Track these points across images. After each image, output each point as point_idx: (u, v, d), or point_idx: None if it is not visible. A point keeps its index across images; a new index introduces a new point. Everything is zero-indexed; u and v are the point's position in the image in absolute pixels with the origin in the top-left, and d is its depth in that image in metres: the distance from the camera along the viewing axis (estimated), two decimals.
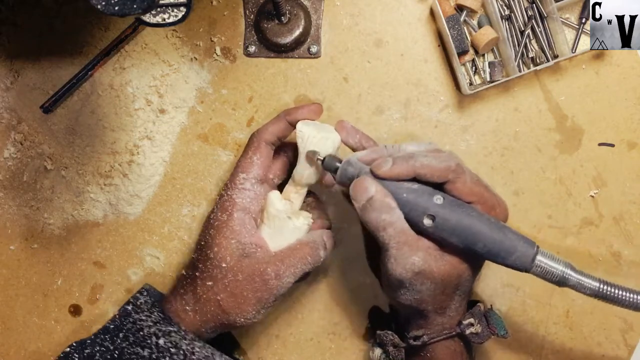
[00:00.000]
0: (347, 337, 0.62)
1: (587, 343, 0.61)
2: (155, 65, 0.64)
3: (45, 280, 0.65)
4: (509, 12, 0.62)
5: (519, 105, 0.63)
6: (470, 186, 0.47)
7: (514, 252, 0.45)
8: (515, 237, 0.46)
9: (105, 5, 0.39)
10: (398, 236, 0.46)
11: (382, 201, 0.47)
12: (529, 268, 0.45)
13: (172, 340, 0.52)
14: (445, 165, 0.47)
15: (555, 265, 0.45)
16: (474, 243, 0.45)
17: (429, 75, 0.63)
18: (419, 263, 0.46)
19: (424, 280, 0.46)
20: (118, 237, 0.64)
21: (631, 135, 0.62)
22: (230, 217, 0.53)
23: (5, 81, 0.65)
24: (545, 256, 0.46)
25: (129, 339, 0.53)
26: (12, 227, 0.65)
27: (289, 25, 0.62)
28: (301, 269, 0.52)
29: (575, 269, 0.46)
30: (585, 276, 0.46)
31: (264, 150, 0.54)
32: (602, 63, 0.62)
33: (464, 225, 0.45)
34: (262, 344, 0.63)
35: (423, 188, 0.47)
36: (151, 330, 0.52)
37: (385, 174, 0.47)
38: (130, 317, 0.54)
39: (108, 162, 0.63)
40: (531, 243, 0.46)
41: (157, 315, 0.54)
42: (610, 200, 0.62)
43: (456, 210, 0.46)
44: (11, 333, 0.64)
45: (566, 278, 0.45)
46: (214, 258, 0.52)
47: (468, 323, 0.50)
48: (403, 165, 0.47)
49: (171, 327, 0.52)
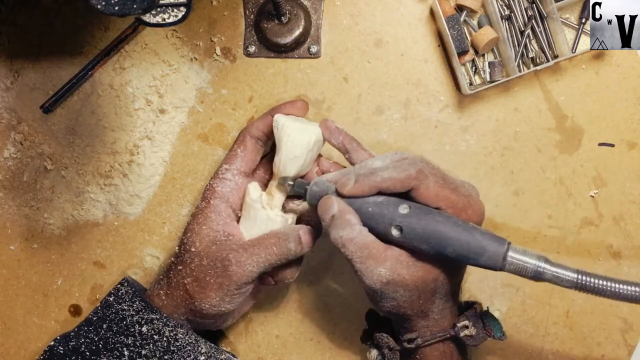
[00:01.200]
0: (347, 337, 0.63)
1: (587, 343, 0.61)
2: (155, 65, 0.64)
3: (45, 280, 0.65)
4: (509, 12, 0.62)
5: (519, 105, 0.63)
6: (434, 191, 0.47)
7: (483, 253, 0.44)
8: (483, 237, 0.45)
9: (105, 5, 0.39)
10: (360, 251, 0.47)
11: (343, 218, 0.48)
12: (501, 267, 0.44)
13: (155, 327, 0.53)
14: (405, 175, 0.47)
15: (529, 260, 0.44)
16: (443, 248, 0.45)
17: (429, 75, 0.63)
18: (386, 274, 0.46)
19: (396, 288, 0.47)
20: (118, 237, 0.64)
21: (631, 135, 0.62)
22: (207, 204, 0.55)
23: (5, 81, 0.65)
24: (518, 252, 0.44)
25: (113, 329, 0.54)
26: (12, 227, 0.65)
27: (289, 25, 0.63)
28: (265, 258, 0.52)
29: (550, 262, 0.44)
30: (562, 268, 0.44)
31: (249, 143, 0.56)
32: (602, 63, 0.62)
33: (430, 232, 0.45)
34: (262, 344, 0.63)
35: (389, 200, 0.48)
36: (134, 318, 0.54)
37: (349, 192, 0.48)
38: (112, 307, 0.56)
39: (108, 162, 0.63)
40: (501, 241, 0.45)
41: (139, 304, 0.55)
42: (610, 200, 0.62)
43: (422, 218, 0.46)
44: (11, 333, 0.64)
45: (541, 272, 0.44)
46: (186, 243, 0.54)
47: (462, 325, 0.50)
48: (365, 182, 0.48)
49: (153, 314, 0.54)
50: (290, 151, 0.53)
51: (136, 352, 0.53)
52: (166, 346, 0.53)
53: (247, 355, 0.63)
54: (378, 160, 0.50)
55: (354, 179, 0.49)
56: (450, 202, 0.47)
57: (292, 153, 0.53)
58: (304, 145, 0.53)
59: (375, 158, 0.51)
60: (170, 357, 0.53)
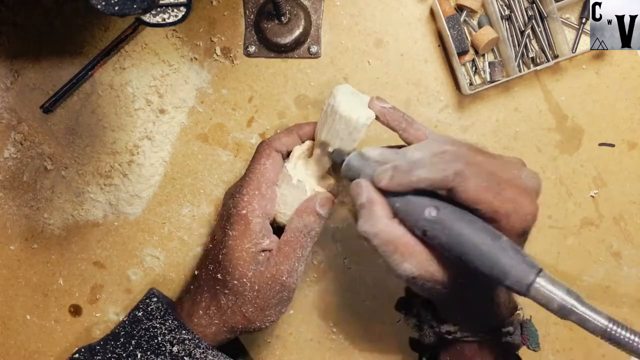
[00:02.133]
0: (347, 337, 0.62)
1: (587, 343, 0.61)
2: (155, 65, 0.64)
3: (45, 280, 0.65)
4: (509, 12, 0.62)
5: (519, 105, 0.63)
6: (473, 194, 0.42)
7: (507, 277, 0.40)
8: (511, 259, 0.40)
9: (105, 5, 0.39)
10: (384, 246, 0.45)
11: (369, 209, 0.45)
12: (525, 293, 0.40)
13: (186, 348, 0.52)
14: (442, 176, 0.43)
15: (558, 293, 0.39)
16: (466, 262, 0.42)
17: (429, 75, 0.63)
18: (411, 270, 0.44)
19: (426, 281, 0.45)
20: (118, 237, 0.64)
21: (631, 135, 0.62)
22: (247, 226, 0.52)
23: (5, 81, 0.65)
24: (549, 282, 0.40)
25: (142, 346, 0.53)
26: (12, 227, 0.65)
27: (289, 25, 0.62)
28: (301, 253, 0.52)
29: (582, 301, 0.39)
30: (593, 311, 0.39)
31: (276, 157, 0.54)
32: (602, 63, 0.62)
33: (453, 244, 0.42)
34: (262, 344, 0.63)
35: (417, 200, 0.45)
36: (166, 337, 0.52)
37: (383, 187, 0.46)
38: (142, 323, 0.54)
39: (108, 162, 0.63)
40: (532, 265, 0.40)
41: (172, 322, 0.53)
42: (610, 200, 0.62)
43: (447, 227, 0.42)
44: (11, 333, 0.64)
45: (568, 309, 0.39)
46: (233, 273, 0.52)
47: (507, 331, 0.48)
48: (400, 180, 0.45)
49: (186, 334, 0.52)
50: (336, 130, 0.51)
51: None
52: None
53: (247, 356, 0.63)
54: (418, 151, 0.46)
55: (390, 175, 0.45)
56: (491, 207, 0.42)
57: (337, 132, 0.51)
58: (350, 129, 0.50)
59: (417, 146, 0.47)
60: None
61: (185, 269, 0.64)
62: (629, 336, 0.37)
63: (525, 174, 0.46)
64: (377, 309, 0.62)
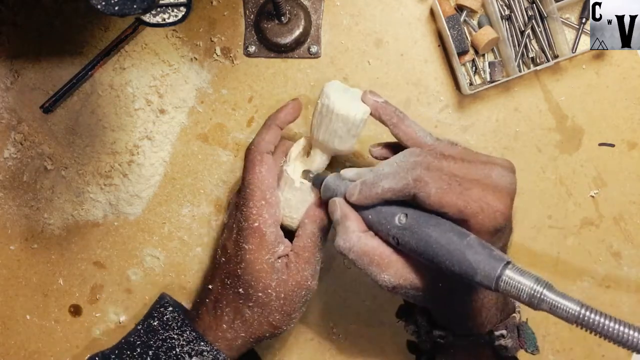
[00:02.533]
0: (347, 337, 0.62)
1: (587, 343, 0.61)
2: (155, 65, 0.64)
3: (45, 280, 0.65)
4: (509, 12, 0.62)
5: (519, 105, 0.63)
6: (435, 198, 0.43)
7: (476, 272, 0.40)
8: (477, 255, 0.40)
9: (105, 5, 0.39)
10: (360, 259, 0.46)
11: (344, 226, 0.47)
12: (496, 287, 0.39)
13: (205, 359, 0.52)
14: (402, 185, 0.44)
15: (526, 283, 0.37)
16: (437, 264, 0.42)
17: (429, 75, 0.63)
18: (390, 280, 0.45)
19: (406, 290, 0.46)
20: (118, 237, 0.64)
21: (631, 135, 0.62)
22: (263, 237, 0.52)
23: (5, 81, 0.65)
24: (515, 272, 0.38)
25: (160, 357, 0.52)
26: (12, 227, 0.65)
27: (289, 25, 0.62)
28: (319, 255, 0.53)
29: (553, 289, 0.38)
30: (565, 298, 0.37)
31: (268, 160, 0.53)
32: (602, 63, 0.62)
33: (422, 248, 0.43)
34: (262, 344, 0.63)
35: (388, 209, 0.46)
36: (184, 349, 0.52)
37: (354, 202, 0.47)
38: (159, 334, 0.54)
39: (108, 162, 0.63)
40: (498, 259, 0.39)
41: (189, 334, 0.53)
42: (610, 200, 0.62)
43: (416, 232, 0.43)
44: (11, 333, 0.64)
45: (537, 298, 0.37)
46: (257, 286, 0.52)
47: (499, 334, 0.48)
48: (367, 193, 0.46)
49: (204, 346, 0.52)
50: (333, 129, 0.51)
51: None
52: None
53: None
54: (387, 165, 0.47)
55: (358, 189, 0.47)
56: (456, 208, 0.43)
57: (335, 131, 0.51)
58: (348, 126, 0.50)
59: (387, 161, 0.48)
60: None
61: (185, 269, 0.64)
62: (602, 321, 0.36)
63: (496, 173, 0.46)
64: (377, 309, 0.62)
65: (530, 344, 0.49)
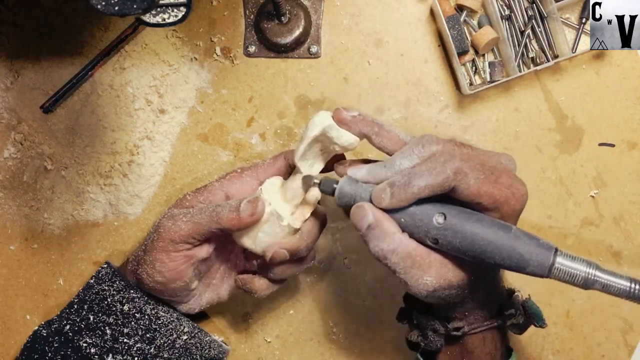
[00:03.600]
0: (347, 337, 0.62)
1: (587, 343, 0.61)
2: (155, 65, 0.64)
3: (45, 280, 0.65)
4: (509, 12, 0.62)
5: (519, 105, 0.63)
6: (474, 189, 0.43)
7: (526, 266, 0.41)
8: (527, 246, 0.41)
9: (105, 5, 0.39)
10: (403, 261, 0.44)
11: (381, 228, 0.44)
12: (548, 275, 0.42)
13: (136, 305, 0.55)
14: (442, 179, 0.42)
15: (579, 267, 0.41)
16: (484, 261, 0.43)
17: (429, 75, 0.63)
18: (432, 282, 0.44)
19: (444, 290, 0.45)
20: (118, 237, 0.64)
21: (631, 135, 0.62)
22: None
23: (5, 81, 0.65)
24: (566, 259, 0.41)
25: (94, 309, 0.56)
26: (12, 227, 0.65)
27: (289, 25, 0.62)
28: (197, 220, 0.51)
29: (602, 269, 0.41)
30: (615, 276, 0.41)
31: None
32: (602, 63, 0.62)
33: (468, 245, 0.42)
34: (262, 344, 0.63)
35: (422, 209, 0.44)
36: (115, 298, 0.55)
37: (386, 207, 0.45)
38: (94, 289, 0.57)
39: (108, 162, 0.63)
40: (548, 247, 0.41)
41: (119, 283, 0.56)
42: (610, 200, 0.62)
43: (459, 229, 0.42)
44: (11, 333, 0.64)
45: (592, 280, 0.41)
46: None
47: (509, 314, 0.48)
48: (402, 196, 0.44)
49: (134, 293, 0.55)
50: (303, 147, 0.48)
51: (118, 331, 0.55)
52: (148, 324, 0.54)
53: (247, 356, 0.63)
54: (406, 159, 0.46)
55: (389, 193, 0.44)
56: (492, 197, 0.43)
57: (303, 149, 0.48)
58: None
59: (401, 155, 0.46)
60: (152, 335, 0.54)
61: None
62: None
63: (504, 158, 0.47)
64: (377, 309, 0.62)
65: (538, 318, 0.49)
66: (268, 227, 0.50)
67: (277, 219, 0.50)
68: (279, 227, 0.50)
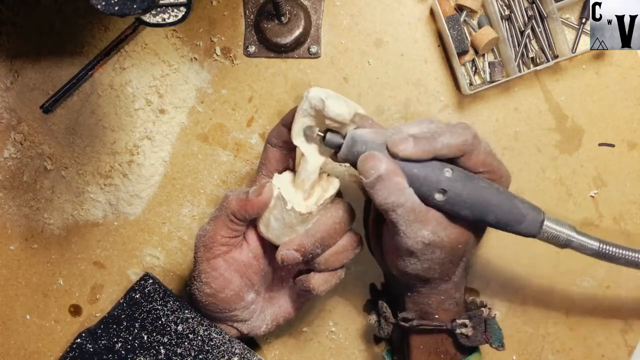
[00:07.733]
0: (347, 337, 0.62)
1: (587, 343, 0.61)
2: (155, 65, 0.64)
3: (45, 280, 0.65)
4: (509, 12, 0.62)
5: (519, 105, 0.63)
6: (483, 157, 0.47)
7: (523, 221, 0.46)
8: (523, 205, 0.46)
9: (105, 5, 0.39)
10: (407, 215, 0.45)
11: (392, 181, 0.45)
12: (537, 234, 0.47)
13: (190, 326, 0.55)
14: (462, 140, 0.46)
15: (561, 229, 0.47)
16: (485, 214, 0.46)
17: (429, 75, 0.63)
18: (428, 236, 0.46)
19: (434, 249, 0.47)
20: (118, 237, 0.64)
21: (631, 135, 0.62)
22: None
23: (5, 81, 0.65)
24: (552, 221, 0.47)
25: (147, 328, 0.55)
26: (12, 227, 0.65)
27: (289, 25, 0.63)
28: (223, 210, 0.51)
29: (578, 231, 0.48)
30: (587, 237, 0.48)
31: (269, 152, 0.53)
32: (602, 63, 0.62)
33: (475, 198, 0.46)
34: (262, 344, 0.63)
35: (434, 163, 0.46)
36: (169, 318, 0.55)
37: (405, 154, 0.45)
38: (142, 306, 0.57)
39: (108, 162, 0.63)
40: (538, 210, 0.47)
41: (173, 303, 0.56)
42: (610, 200, 0.62)
43: (467, 184, 0.46)
44: (11, 333, 0.64)
45: (570, 240, 0.47)
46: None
47: (461, 323, 0.50)
48: (425, 146, 0.45)
49: (188, 314, 0.55)
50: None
51: (172, 351, 0.54)
52: (201, 345, 0.54)
53: None
54: (414, 127, 0.47)
55: (411, 140, 0.45)
56: (492, 168, 0.48)
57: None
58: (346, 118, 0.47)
59: (410, 124, 0.48)
60: (204, 356, 0.54)
61: (185, 269, 0.64)
62: (618, 251, 0.48)
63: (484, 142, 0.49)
64: None
65: (496, 339, 0.51)
66: (277, 212, 0.49)
67: (282, 203, 0.49)
68: (286, 212, 0.48)
